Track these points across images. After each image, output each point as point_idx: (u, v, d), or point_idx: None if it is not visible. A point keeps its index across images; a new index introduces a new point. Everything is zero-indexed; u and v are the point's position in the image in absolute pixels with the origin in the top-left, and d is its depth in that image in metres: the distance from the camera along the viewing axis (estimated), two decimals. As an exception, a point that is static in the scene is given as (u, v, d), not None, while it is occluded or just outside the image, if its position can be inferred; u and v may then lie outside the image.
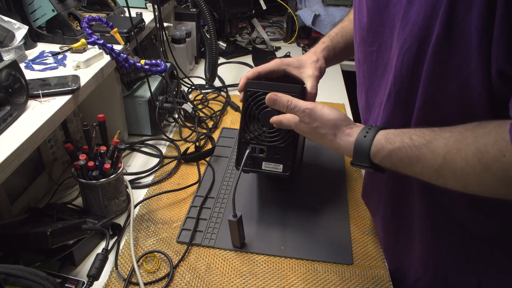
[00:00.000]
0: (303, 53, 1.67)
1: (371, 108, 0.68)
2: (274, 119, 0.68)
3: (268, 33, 1.82)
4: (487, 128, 0.45)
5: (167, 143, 1.07)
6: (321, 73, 0.77)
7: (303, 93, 0.72)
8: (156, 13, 1.12)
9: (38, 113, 0.67)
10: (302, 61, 0.77)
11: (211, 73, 1.31)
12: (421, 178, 0.52)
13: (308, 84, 0.74)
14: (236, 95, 1.32)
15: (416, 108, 0.54)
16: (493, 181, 0.44)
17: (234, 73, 1.50)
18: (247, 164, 0.76)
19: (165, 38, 1.18)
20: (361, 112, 0.75)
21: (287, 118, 0.66)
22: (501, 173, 0.43)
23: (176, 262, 0.72)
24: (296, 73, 0.77)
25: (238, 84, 1.37)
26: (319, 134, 0.62)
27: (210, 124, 1.14)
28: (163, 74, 1.01)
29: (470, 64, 0.46)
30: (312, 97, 0.74)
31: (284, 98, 0.66)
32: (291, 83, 0.74)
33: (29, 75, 0.77)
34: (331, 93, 1.35)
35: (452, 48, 0.46)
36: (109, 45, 0.85)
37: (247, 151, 0.75)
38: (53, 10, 0.89)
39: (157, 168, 0.96)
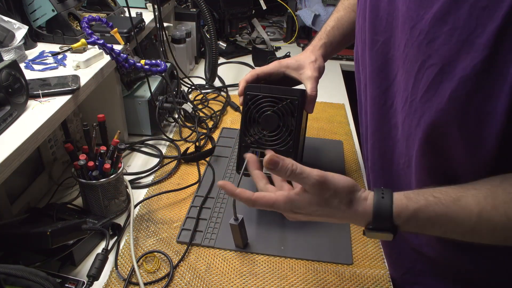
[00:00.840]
0: (303, 53, 1.68)
1: (363, 96, 0.69)
2: (263, 202, 0.52)
3: (268, 33, 1.82)
4: None
5: (167, 143, 1.07)
6: (320, 73, 0.77)
7: (303, 96, 0.72)
8: (156, 13, 1.12)
9: (38, 113, 0.67)
10: (301, 62, 0.76)
11: (211, 73, 1.31)
12: (451, 237, 0.50)
13: (308, 86, 0.73)
14: (236, 95, 1.32)
15: (425, 123, 0.53)
16: None
17: (234, 73, 1.50)
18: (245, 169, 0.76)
19: (165, 38, 1.18)
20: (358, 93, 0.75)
21: (279, 201, 0.52)
22: None
23: (176, 262, 0.72)
24: (295, 75, 0.76)
25: (238, 84, 1.38)
26: (330, 205, 0.51)
27: (210, 124, 1.14)
28: (163, 74, 1.01)
29: (497, 103, 0.45)
30: (312, 99, 0.73)
31: (288, 161, 0.51)
32: (290, 86, 0.74)
33: (29, 75, 0.77)
34: (331, 93, 1.35)
35: (485, 82, 0.45)
36: (109, 45, 0.85)
37: (244, 164, 0.75)
38: (53, 10, 0.89)
39: (157, 168, 0.96)
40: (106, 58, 0.88)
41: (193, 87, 1.33)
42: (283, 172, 0.50)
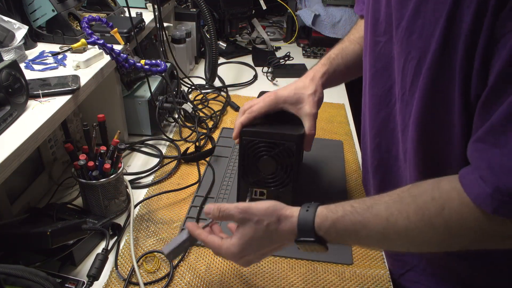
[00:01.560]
0: (303, 53, 1.68)
1: (365, 97, 0.70)
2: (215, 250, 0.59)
3: (268, 33, 1.82)
4: (422, 187, 0.49)
5: (167, 143, 1.07)
6: (319, 106, 0.74)
7: (300, 141, 0.71)
8: (156, 13, 1.12)
9: (38, 113, 0.67)
10: (300, 96, 0.72)
11: (211, 73, 1.31)
12: (367, 245, 0.53)
13: (306, 125, 0.71)
14: (236, 95, 1.32)
15: (413, 115, 0.55)
16: (436, 235, 0.47)
17: (234, 73, 1.50)
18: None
19: (165, 38, 1.18)
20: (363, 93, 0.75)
21: (214, 244, 0.58)
22: (443, 226, 0.46)
23: (176, 262, 0.72)
24: (293, 110, 0.73)
25: (238, 84, 1.39)
26: (262, 230, 0.54)
27: (210, 124, 1.14)
28: (163, 74, 1.01)
29: (455, 91, 0.48)
30: (310, 138, 0.71)
31: (213, 207, 0.57)
32: (289, 117, 0.74)
33: (29, 75, 0.77)
34: (331, 93, 1.35)
35: (442, 71, 0.48)
36: (109, 45, 0.85)
37: (248, 197, 0.75)
38: (53, 10, 0.89)
39: (157, 168, 0.96)
40: (106, 58, 0.88)
41: (193, 87, 1.33)
42: (216, 217, 0.58)
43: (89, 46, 0.89)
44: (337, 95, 1.35)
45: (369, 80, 0.67)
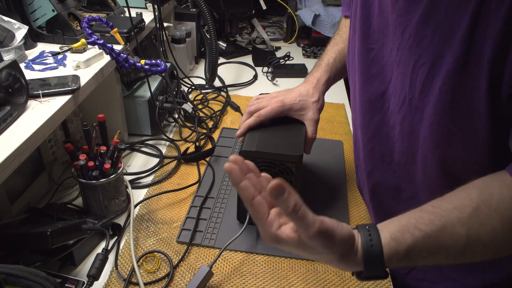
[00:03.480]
0: (303, 53, 1.68)
1: (355, 103, 0.71)
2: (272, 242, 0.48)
3: (268, 33, 1.82)
4: (487, 191, 0.47)
5: (167, 143, 1.07)
6: (321, 111, 0.80)
7: (300, 161, 0.71)
8: (156, 13, 1.12)
9: (38, 113, 0.67)
10: (304, 103, 0.78)
11: (211, 73, 1.31)
12: (444, 264, 0.50)
13: (309, 129, 0.77)
14: (236, 95, 1.32)
15: (429, 118, 0.54)
16: None
17: (234, 73, 1.50)
18: (250, 219, 0.75)
19: (165, 38, 1.19)
20: (351, 107, 0.77)
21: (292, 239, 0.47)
22: None
23: (176, 262, 0.72)
24: (297, 116, 0.78)
25: (238, 84, 1.39)
26: (320, 252, 0.48)
27: (210, 124, 1.14)
28: (163, 74, 1.01)
29: (480, 93, 0.47)
30: (311, 141, 0.77)
31: (293, 198, 0.42)
32: (289, 127, 0.76)
33: (29, 75, 0.77)
34: (331, 93, 1.34)
35: (466, 74, 0.48)
36: (109, 45, 0.85)
37: (248, 214, 0.75)
38: (53, 10, 0.89)
39: (157, 168, 0.96)
40: (106, 58, 0.88)
41: (193, 87, 1.33)
42: (284, 207, 0.43)
43: (89, 46, 0.89)
44: (337, 95, 1.35)
45: (360, 86, 0.67)
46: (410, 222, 0.48)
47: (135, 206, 0.84)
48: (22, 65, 0.80)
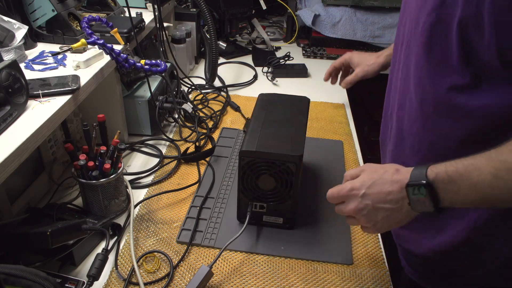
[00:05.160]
0: (303, 53, 1.69)
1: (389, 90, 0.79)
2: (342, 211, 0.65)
3: (268, 33, 1.82)
4: None
5: (167, 143, 1.07)
6: (368, 73, 1.11)
7: (300, 161, 0.72)
8: (156, 13, 1.12)
9: (38, 113, 0.67)
10: (361, 60, 1.13)
11: (211, 73, 1.31)
12: (479, 194, 0.51)
13: (350, 76, 1.16)
14: (236, 95, 1.32)
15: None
16: None
17: (234, 73, 1.50)
18: (250, 219, 0.77)
19: (165, 38, 1.18)
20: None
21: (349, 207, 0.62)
22: None
23: (176, 262, 0.72)
24: (352, 65, 1.16)
25: (238, 84, 1.39)
26: (381, 171, 0.60)
27: (210, 124, 1.14)
28: (163, 74, 1.01)
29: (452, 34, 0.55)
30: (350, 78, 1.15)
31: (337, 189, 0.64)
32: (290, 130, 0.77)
33: (29, 75, 0.77)
34: (331, 93, 1.35)
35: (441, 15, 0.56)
36: (109, 45, 0.85)
37: (248, 211, 0.76)
38: (53, 10, 0.89)
39: (157, 168, 0.96)
40: (106, 58, 0.88)
41: (193, 87, 1.33)
42: (340, 198, 0.64)
43: (89, 46, 0.89)
44: (337, 95, 1.35)
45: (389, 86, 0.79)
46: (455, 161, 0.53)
47: (135, 206, 0.84)
48: (22, 65, 0.80)
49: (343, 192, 0.62)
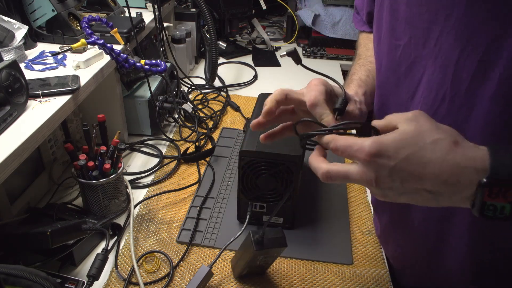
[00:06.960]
0: (303, 53, 1.69)
1: (386, 108, 0.62)
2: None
3: (268, 33, 1.82)
4: None
5: (167, 143, 1.07)
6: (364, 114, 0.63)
7: (300, 162, 0.71)
8: (156, 13, 1.12)
9: (38, 113, 0.67)
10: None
11: (211, 73, 1.31)
12: None
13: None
14: (236, 95, 1.32)
15: (475, 120, 0.48)
16: None
17: (234, 73, 1.50)
18: (250, 219, 0.77)
19: (165, 38, 1.18)
20: (375, 109, 0.66)
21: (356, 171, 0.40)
22: None
23: (176, 262, 0.72)
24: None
25: (238, 84, 1.38)
26: (428, 138, 0.38)
27: (210, 124, 1.14)
28: (163, 74, 1.01)
29: None
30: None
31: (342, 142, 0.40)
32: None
33: (29, 75, 0.77)
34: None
35: None
36: (109, 45, 0.85)
37: (248, 211, 0.76)
38: (53, 10, 0.89)
39: (157, 168, 0.96)
40: (106, 58, 0.88)
41: (193, 87, 1.33)
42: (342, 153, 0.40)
43: (89, 46, 0.89)
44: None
45: (390, 91, 0.61)
46: None
47: (135, 206, 0.84)
48: (22, 65, 0.80)
49: (362, 155, 0.38)
